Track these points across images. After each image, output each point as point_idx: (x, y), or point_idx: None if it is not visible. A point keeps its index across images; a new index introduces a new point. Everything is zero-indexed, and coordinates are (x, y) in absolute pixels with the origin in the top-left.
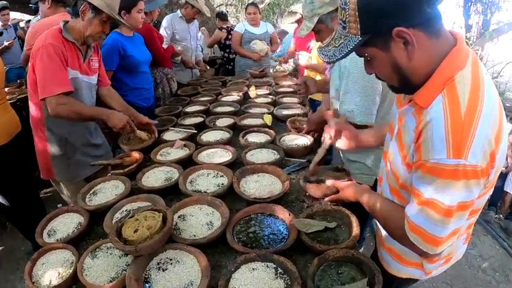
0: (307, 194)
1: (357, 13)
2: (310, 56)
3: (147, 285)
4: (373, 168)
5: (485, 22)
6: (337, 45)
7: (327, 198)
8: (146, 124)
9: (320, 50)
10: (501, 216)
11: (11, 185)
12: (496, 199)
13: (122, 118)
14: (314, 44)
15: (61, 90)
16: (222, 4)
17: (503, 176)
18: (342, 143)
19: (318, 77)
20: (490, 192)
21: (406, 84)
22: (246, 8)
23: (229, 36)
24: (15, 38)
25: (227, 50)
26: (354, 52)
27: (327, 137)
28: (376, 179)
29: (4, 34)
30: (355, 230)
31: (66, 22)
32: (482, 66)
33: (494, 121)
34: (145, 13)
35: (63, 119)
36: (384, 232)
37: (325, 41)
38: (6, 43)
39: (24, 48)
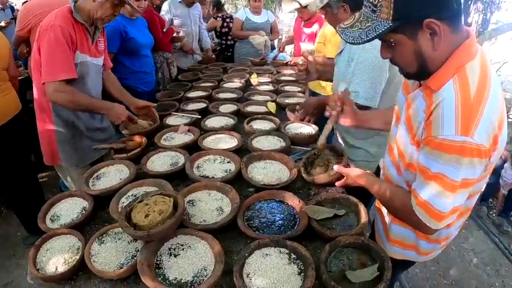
0: (309, 181)
1: None
2: (312, 49)
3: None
4: (376, 155)
5: (484, 21)
6: (363, 27)
7: (337, 183)
8: (144, 107)
9: (342, 30)
10: (494, 211)
11: (8, 168)
12: (488, 195)
13: (122, 114)
14: (319, 36)
15: (64, 76)
16: None
17: (496, 173)
18: (345, 120)
19: None
20: (486, 179)
21: (422, 71)
22: None
23: (225, 24)
24: (12, 18)
25: (224, 38)
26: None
27: (331, 112)
28: (378, 165)
29: (1, 14)
30: (364, 217)
31: (75, 2)
32: (488, 61)
33: (498, 109)
34: None
35: (59, 105)
36: (386, 217)
37: (347, 22)
38: (3, 23)
39: (15, 29)
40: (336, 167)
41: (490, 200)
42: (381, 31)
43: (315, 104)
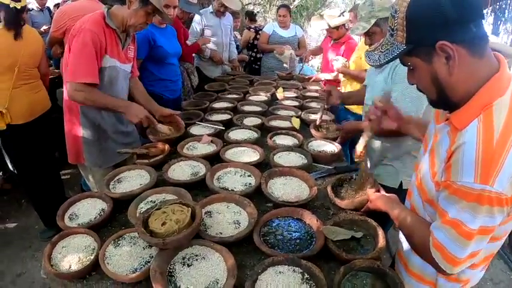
0: (332, 202)
1: (404, 22)
2: (346, 62)
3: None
4: (400, 170)
5: None
6: (383, 50)
7: (362, 209)
8: (169, 116)
9: (367, 53)
10: None
11: (32, 162)
12: None
13: (139, 113)
14: (358, 50)
15: (85, 80)
16: (250, 3)
17: None
18: (387, 123)
19: (349, 86)
20: None
21: (443, 99)
22: (277, 10)
23: (257, 36)
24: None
25: (254, 50)
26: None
27: (372, 117)
28: (401, 181)
29: (40, 15)
30: (381, 242)
31: (109, 8)
32: None
33: None
34: (183, 11)
35: (80, 104)
36: (404, 246)
37: (373, 45)
38: (44, 27)
39: (50, 30)
40: (370, 192)
41: None
42: (395, 54)
43: (352, 128)
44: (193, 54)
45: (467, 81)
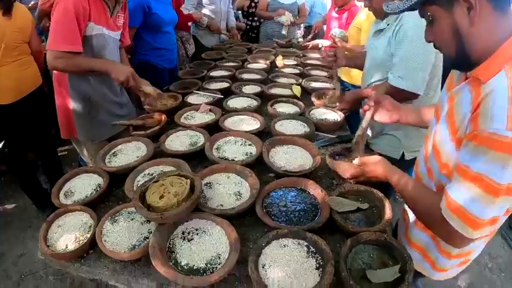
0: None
1: None
2: (345, 35)
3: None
4: (403, 142)
5: None
6: None
7: (353, 180)
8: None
9: (386, 3)
10: None
11: (27, 141)
12: None
13: (125, 71)
14: (355, 20)
15: (68, 48)
16: None
17: None
18: (382, 116)
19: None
20: None
21: (462, 56)
22: None
23: (252, 4)
24: None
25: (250, 18)
26: (416, 16)
27: (367, 109)
28: (402, 153)
29: None
30: (388, 214)
31: None
32: None
33: None
34: None
35: (61, 71)
36: (411, 218)
37: None
38: (32, 2)
39: (39, 3)
40: (357, 160)
41: None
42: (415, 0)
43: (352, 98)
44: (190, 23)
45: (487, 37)
